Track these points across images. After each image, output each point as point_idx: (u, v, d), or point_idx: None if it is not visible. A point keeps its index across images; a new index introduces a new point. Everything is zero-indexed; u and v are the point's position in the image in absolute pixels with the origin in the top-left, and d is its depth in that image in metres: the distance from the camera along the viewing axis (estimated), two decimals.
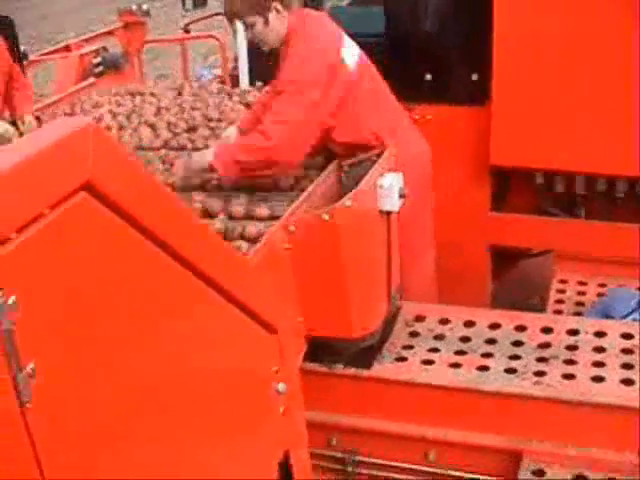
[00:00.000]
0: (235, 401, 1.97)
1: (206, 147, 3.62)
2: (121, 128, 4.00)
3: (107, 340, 1.43)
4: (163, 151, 3.73)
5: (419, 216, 3.72)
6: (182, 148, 3.76)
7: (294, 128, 3.22)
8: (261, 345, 2.15)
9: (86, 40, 6.48)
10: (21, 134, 4.00)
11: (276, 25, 3.38)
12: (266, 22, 3.36)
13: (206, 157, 3.29)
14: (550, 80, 4.04)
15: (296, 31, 3.38)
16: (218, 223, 2.91)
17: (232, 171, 3.22)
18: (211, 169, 3.26)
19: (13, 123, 4.22)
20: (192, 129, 3.97)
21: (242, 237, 2.82)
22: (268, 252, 2.59)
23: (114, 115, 4.18)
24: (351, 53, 3.51)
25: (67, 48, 6.29)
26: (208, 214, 3.04)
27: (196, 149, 3.66)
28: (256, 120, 3.55)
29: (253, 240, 2.75)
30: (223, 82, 6.49)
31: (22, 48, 5.56)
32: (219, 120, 4.05)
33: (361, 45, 3.53)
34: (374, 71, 3.64)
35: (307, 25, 3.43)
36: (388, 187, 2.98)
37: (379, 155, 3.22)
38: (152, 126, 4.00)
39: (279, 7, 3.35)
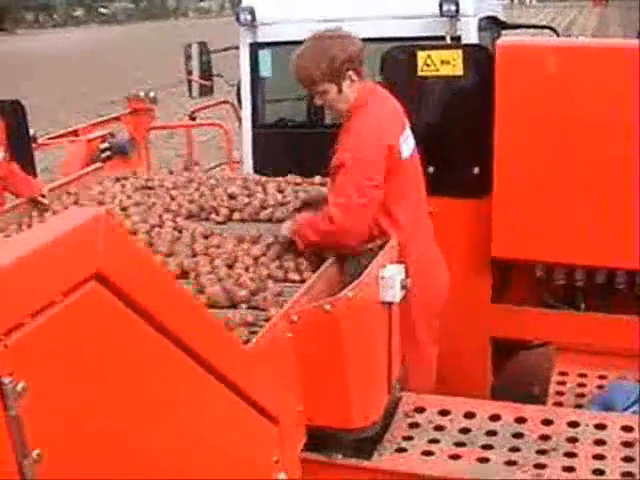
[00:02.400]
0: None
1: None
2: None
3: (113, 428, 1.45)
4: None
5: (427, 321, 3.76)
6: None
7: (359, 211, 3.30)
8: (262, 434, 2.15)
9: (94, 125, 6.59)
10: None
11: (348, 94, 3.42)
12: (339, 90, 3.40)
13: (289, 226, 3.42)
14: (549, 174, 4.11)
15: (360, 105, 3.44)
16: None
17: (310, 245, 3.33)
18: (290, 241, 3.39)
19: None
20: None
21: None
22: (270, 341, 2.60)
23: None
24: (408, 141, 3.61)
25: (75, 132, 6.39)
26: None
27: None
28: None
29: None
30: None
31: (31, 131, 5.63)
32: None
33: None
34: (419, 168, 3.76)
35: (372, 101, 3.49)
36: (390, 278, 3.01)
37: (381, 246, 3.25)
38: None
39: (354, 77, 3.41)
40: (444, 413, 3.30)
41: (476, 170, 4.33)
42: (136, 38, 50.55)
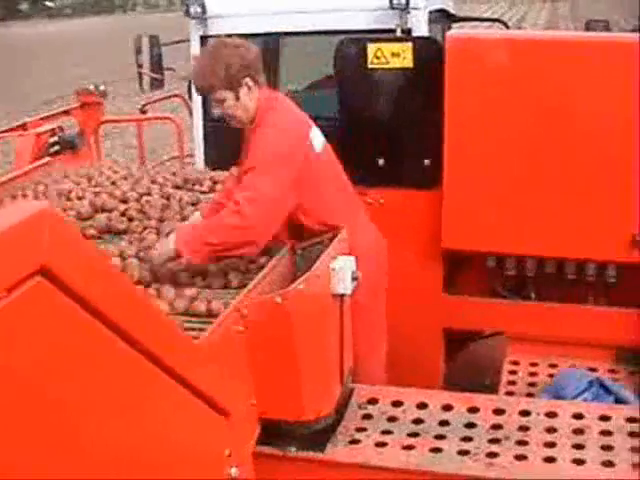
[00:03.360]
0: None
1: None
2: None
3: (59, 424, 1.43)
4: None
5: (374, 305, 3.77)
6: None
7: (269, 206, 3.21)
8: (213, 428, 2.15)
9: (43, 119, 6.50)
10: None
11: (246, 101, 3.40)
12: (237, 98, 3.37)
13: (169, 244, 3.19)
14: (499, 165, 4.14)
15: (265, 110, 3.41)
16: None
17: (201, 254, 3.15)
18: (177, 255, 3.16)
19: None
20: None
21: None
22: (221, 335, 2.59)
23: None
24: (317, 136, 3.58)
25: (24, 126, 6.30)
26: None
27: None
28: (219, 207, 3.52)
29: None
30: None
31: None
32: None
33: None
34: (335, 158, 3.70)
35: (277, 105, 3.47)
36: (340, 270, 3.01)
37: (331, 239, 3.25)
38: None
39: (250, 83, 3.38)
40: (397, 404, 3.31)
41: (426, 162, 4.35)
42: (82, 32, 49.85)
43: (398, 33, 4.79)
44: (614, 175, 4.00)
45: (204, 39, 5.48)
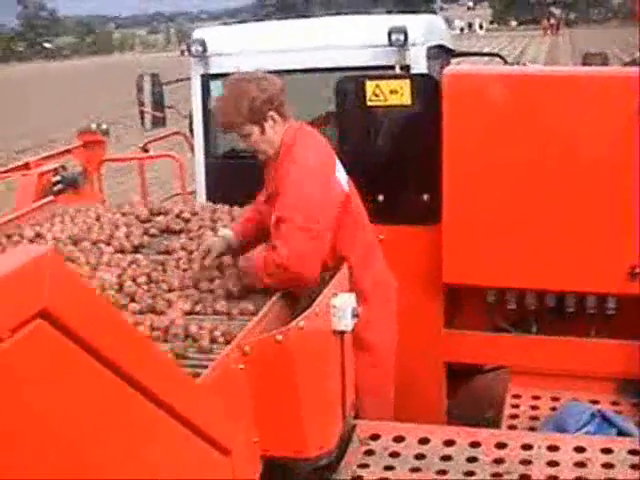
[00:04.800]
0: None
1: None
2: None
3: (62, 466, 1.45)
4: None
5: (383, 345, 3.79)
6: None
7: (310, 257, 3.22)
8: (214, 467, 2.15)
9: (45, 158, 6.54)
10: None
11: (271, 134, 3.39)
12: (262, 131, 3.37)
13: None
14: (498, 200, 4.17)
15: (291, 144, 3.41)
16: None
17: (264, 284, 3.24)
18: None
19: None
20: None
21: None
22: (222, 373, 2.60)
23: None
24: (342, 171, 3.61)
25: (26, 166, 6.34)
26: None
27: None
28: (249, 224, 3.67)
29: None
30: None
31: None
32: None
33: None
34: (358, 198, 3.74)
35: (303, 139, 3.46)
36: (341, 307, 3.02)
37: (332, 275, 3.27)
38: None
39: (275, 116, 3.38)
40: (399, 439, 3.31)
41: (425, 197, 4.38)
42: (80, 73, 49.88)
43: (397, 70, 4.84)
44: (612, 208, 4.02)
45: (205, 77, 5.54)
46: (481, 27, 58.90)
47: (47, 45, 74.65)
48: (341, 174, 3.62)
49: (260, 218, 3.65)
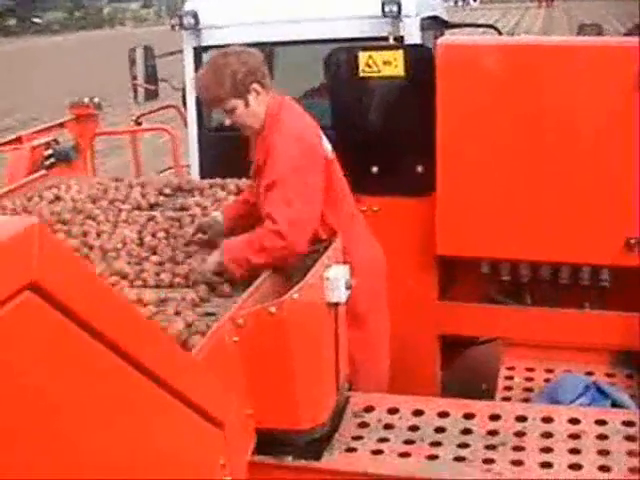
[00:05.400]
0: None
1: None
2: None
3: (53, 439, 1.44)
4: None
5: (375, 316, 3.78)
6: None
7: (306, 224, 3.25)
8: (207, 439, 2.15)
9: (38, 132, 6.50)
10: None
11: (255, 106, 3.38)
12: (246, 105, 3.36)
13: (216, 258, 3.27)
14: (492, 171, 4.15)
15: (275, 115, 3.40)
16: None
17: (243, 269, 3.20)
18: (225, 269, 3.23)
19: None
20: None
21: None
22: (216, 345, 2.60)
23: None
24: (326, 142, 3.59)
25: (19, 140, 6.30)
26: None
27: None
28: (243, 210, 3.67)
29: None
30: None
31: None
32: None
33: None
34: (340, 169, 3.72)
35: (286, 109, 3.46)
36: (334, 279, 3.02)
37: (326, 247, 3.26)
38: None
39: (258, 88, 3.36)
40: (393, 411, 3.31)
41: (419, 169, 4.37)
42: (68, 48, 49.51)
43: (390, 41, 4.81)
44: (608, 179, 4.02)
45: (197, 50, 5.50)
46: None
47: (36, 20, 73.92)
48: (325, 143, 3.60)
49: (248, 207, 3.69)
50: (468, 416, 3.24)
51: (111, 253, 3.52)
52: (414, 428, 3.19)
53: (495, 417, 3.22)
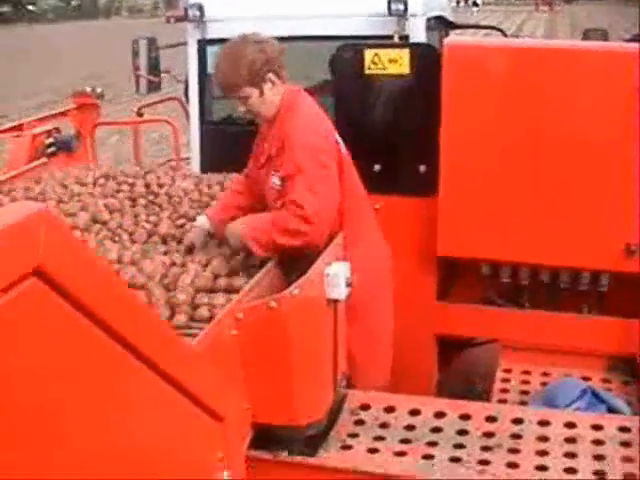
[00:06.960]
0: None
1: None
2: None
3: (53, 427, 1.43)
4: None
5: (378, 313, 3.78)
6: None
7: (330, 211, 3.29)
8: (205, 432, 2.14)
9: (39, 120, 6.49)
10: None
11: (270, 97, 3.39)
12: (261, 93, 3.36)
13: (237, 236, 3.29)
14: (495, 173, 4.15)
15: (289, 106, 3.41)
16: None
17: (266, 249, 3.21)
18: (244, 247, 3.25)
19: None
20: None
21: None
22: (215, 338, 2.59)
23: None
24: (339, 138, 3.61)
25: (20, 127, 6.28)
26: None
27: None
28: (230, 207, 3.61)
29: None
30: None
31: None
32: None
33: None
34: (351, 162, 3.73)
35: (301, 101, 3.47)
36: (335, 276, 3.02)
37: (327, 244, 3.25)
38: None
39: (274, 78, 3.37)
40: (389, 410, 3.31)
41: (422, 168, 4.36)
42: (63, 37, 49.27)
43: (396, 39, 4.80)
44: (610, 185, 4.01)
45: (201, 42, 5.48)
46: (476, 4, 58.06)
47: (31, 7, 73.38)
48: (338, 137, 3.61)
49: (241, 198, 3.70)
50: (464, 417, 3.24)
51: None
52: (410, 427, 3.19)
53: (491, 419, 3.22)
